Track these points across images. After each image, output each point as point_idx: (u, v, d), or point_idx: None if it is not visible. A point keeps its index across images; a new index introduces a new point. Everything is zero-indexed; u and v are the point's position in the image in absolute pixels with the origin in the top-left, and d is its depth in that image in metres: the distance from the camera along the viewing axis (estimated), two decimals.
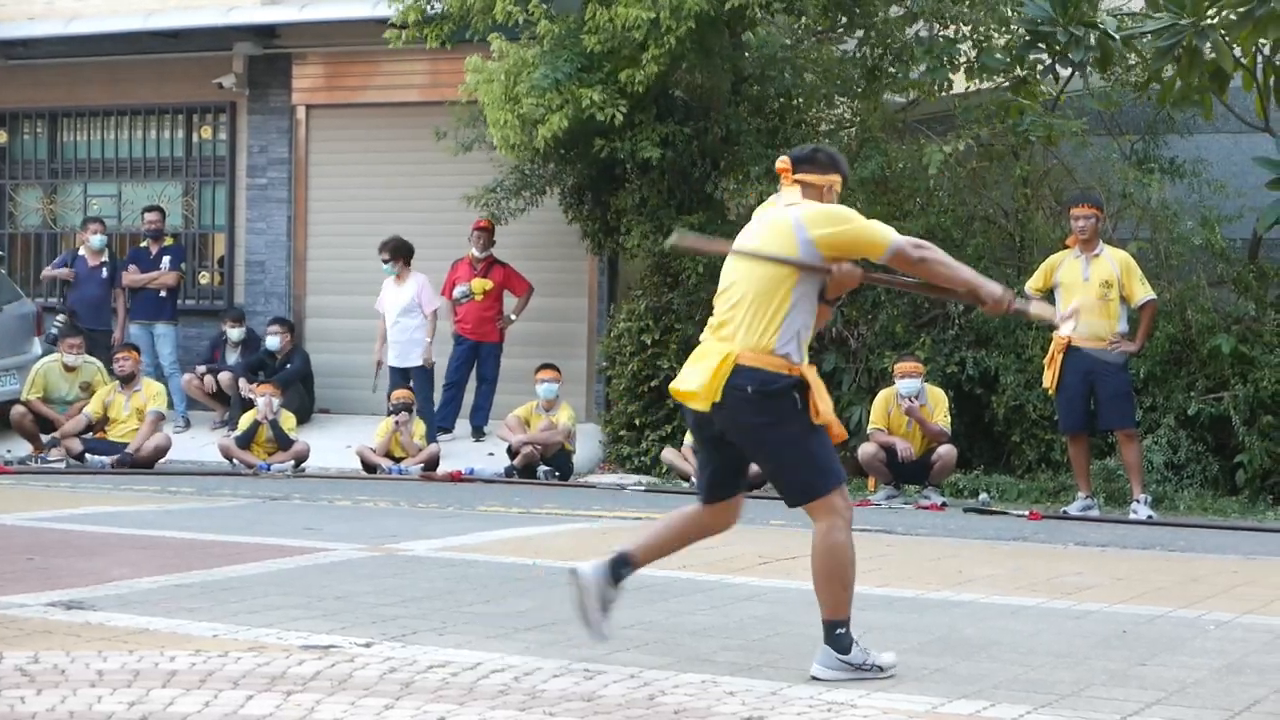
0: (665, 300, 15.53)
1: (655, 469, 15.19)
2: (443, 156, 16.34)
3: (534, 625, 6.74)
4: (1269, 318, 14.00)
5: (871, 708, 5.31)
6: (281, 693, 5.29)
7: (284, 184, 18.39)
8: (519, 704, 5.24)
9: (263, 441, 15.37)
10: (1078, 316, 10.42)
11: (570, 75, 14.10)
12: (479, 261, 16.49)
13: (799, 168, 6.27)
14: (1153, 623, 7.17)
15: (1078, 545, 10.40)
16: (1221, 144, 15.52)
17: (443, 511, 11.83)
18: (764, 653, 6.26)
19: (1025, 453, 14.27)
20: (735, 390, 5.92)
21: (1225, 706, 5.43)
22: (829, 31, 16.15)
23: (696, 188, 15.35)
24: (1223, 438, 13.60)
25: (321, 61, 18.35)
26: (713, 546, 9.64)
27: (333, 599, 7.32)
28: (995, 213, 15.35)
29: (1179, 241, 14.20)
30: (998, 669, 6.02)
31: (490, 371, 16.49)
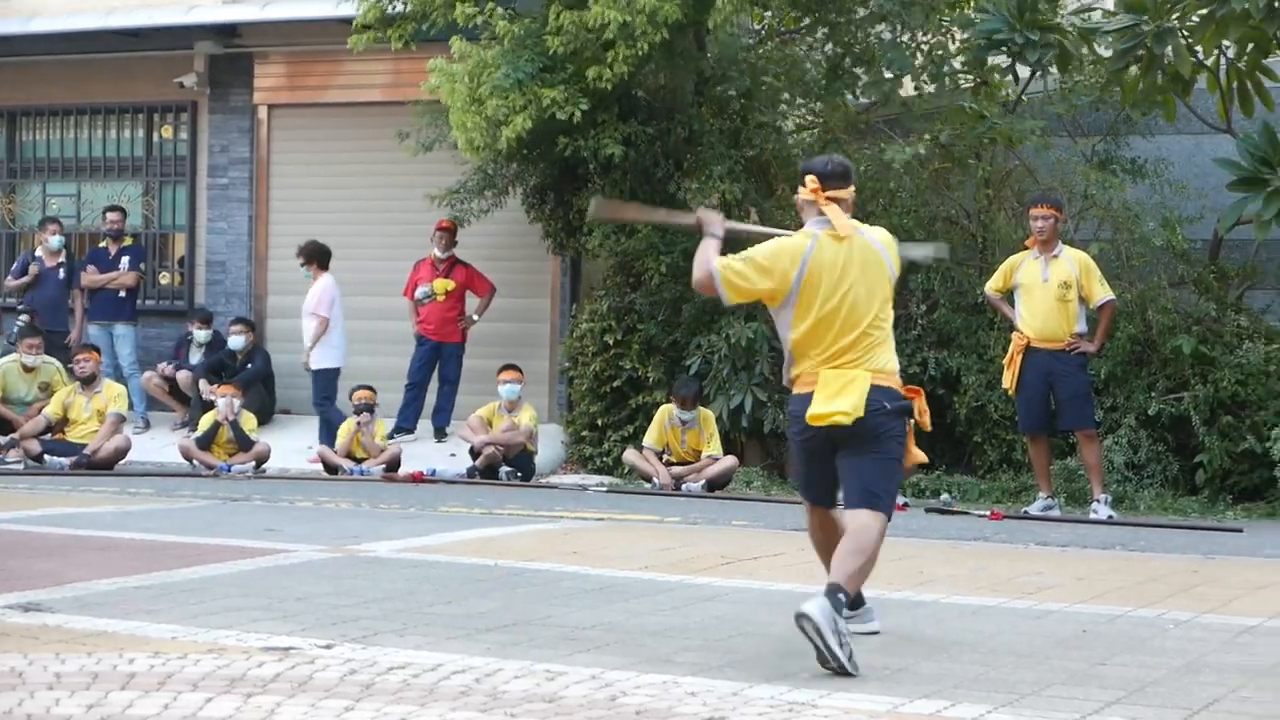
0: (628, 301, 15.53)
1: (617, 470, 15.18)
2: (405, 157, 16.30)
3: (495, 626, 6.72)
4: (1229, 318, 14.07)
5: (833, 707, 5.31)
6: (241, 695, 5.26)
7: (245, 184, 18.33)
8: (480, 705, 5.22)
9: (223, 442, 15.31)
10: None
11: (532, 75, 14.08)
12: (441, 262, 16.47)
13: (829, 184, 6.53)
14: (1113, 622, 7.19)
15: (1038, 545, 10.43)
16: (1183, 145, 15.59)
17: (404, 512, 11.80)
18: (726, 653, 6.25)
19: (987, 453, 14.32)
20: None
21: (1184, 706, 5.45)
22: (791, 33, 16.18)
23: (659, 188, 15.35)
24: (1183, 438, 13.66)
25: (283, 61, 18.28)
26: (674, 547, 9.65)
27: (293, 600, 7.29)
28: (958, 214, 15.39)
29: (1140, 242, 14.25)
30: (959, 669, 6.03)
31: (452, 372, 16.46)
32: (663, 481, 14.07)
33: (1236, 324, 13.99)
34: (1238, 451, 13.38)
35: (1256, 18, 12.78)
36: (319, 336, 16.09)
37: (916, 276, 14.52)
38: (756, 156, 15.38)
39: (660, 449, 14.35)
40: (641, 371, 15.24)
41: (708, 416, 14.35)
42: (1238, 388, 13.41)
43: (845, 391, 6.34)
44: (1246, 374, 13.42)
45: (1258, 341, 13.68)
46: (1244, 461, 13.43)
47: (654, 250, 15.00)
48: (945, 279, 14.57)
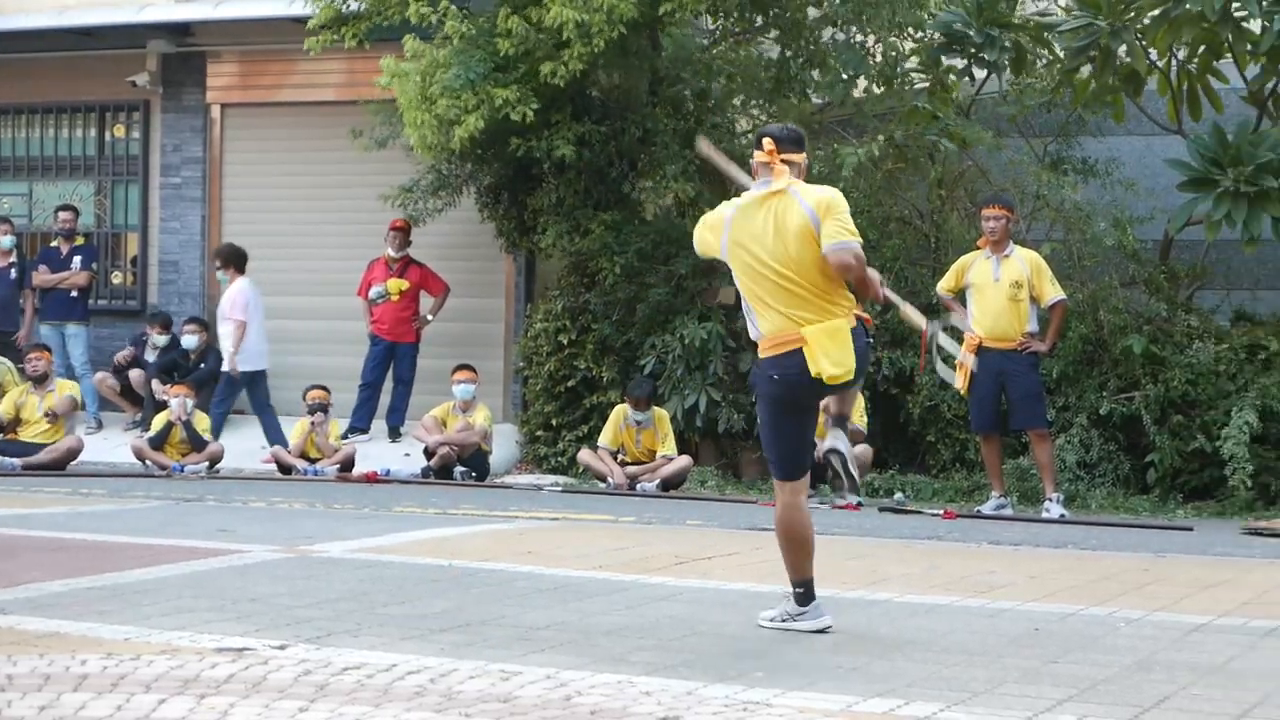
0: (582, 300, 15.54)
1: (572, 469, 15.18)
2: (359, 156, 16.27)
3: (450, 626, 6.72)
4: (1180, 318, 14.16)
5: (787, 706, 5.33)
6: (195, 696, 5.25)
7: (198, 183, 18.25)
8: (435, 705, 5.21)
9: (176, 443, 15.25)
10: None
11: (484, 76, 14.07)
12: (395, 261, 16.44)
13: (784, 148, 6.86)
14: (1065, 621, 7.23)
15: (991, 544, 10.47)
16: (1134, 146, 15.69)
17: (358, 513, 11.77)
18: (680, 652, 6.26)
19: (940, 452, 14.38)
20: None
21: (1135, 703, 5.48)
22: (745, 33, 16.21)
23: (613, 188, 15.38)
24: (1134, 437, 13.74)
25: (236, 60, 18.22)
26: (628, 547, 9.66)
27: (247, 601, 7.27)
28: (911, 214, 15.45)
29: (1092, 242, 14.33)
30: (912, 667, 6.05)
31: (406, 372, 16.44)
32: (617, 481, 14.08)
33: (1187, 324, 14.08)
34: (1188, 451, 13.47)
35: (1211, 19, 12.87)
36: (239, 341, 15.99)
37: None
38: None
39: (615, 449, 14.36)
40: (596, 371, 15.25)
41: (662, 416, 14.37)
42: (1188, 387, 13.49)
43: (841, 347, 6.64)
44: (1197, 374, 13.51)
45: (1208, 341, 13.77)
46: (1194, 460, 13.52)
47: (608, 250, 15.01)
48: (899, 279, 14.61)
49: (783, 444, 6.86)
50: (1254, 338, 13.92)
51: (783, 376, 6.72)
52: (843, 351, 6.63)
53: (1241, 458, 12.84)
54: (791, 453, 6.85)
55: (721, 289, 15.49)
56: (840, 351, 6.63)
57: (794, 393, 6.74)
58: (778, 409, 6.84)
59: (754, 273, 6.73)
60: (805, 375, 6.64)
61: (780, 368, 6.71)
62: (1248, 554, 10.18)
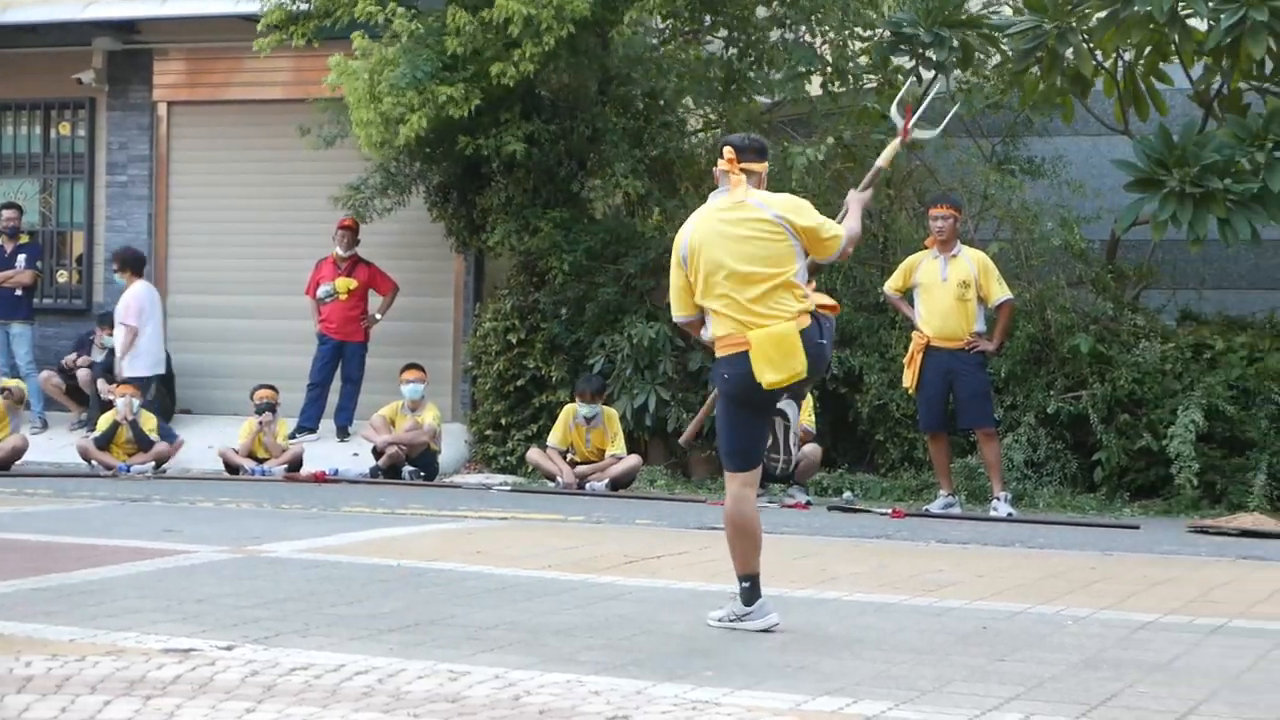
0: (531, 300, 15.53)
1: (521, 469, 15.16)
2: (307, 154, 16.22)
3: (398, 626, 6.70)
4: (1126, 318, 14.24)
5: (736, 705, 5.33)
6: (140, 697, 5.22)
7: (145, 181, 18.14)
8: (383, 705, 5.20)
9: (122, 442, 15.16)
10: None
11: (431, 74, 14.04)
12: (343, 260, 16.38)
13: (744, 156, 7.01)
14: (1013, 619, 7.26)
15: (940, 543, 10.51)
16: (1081, 146, 15.77)
17: (306, 512, 11.73)
18: (629, 652, 6.26)
19: (889, 451, 14.42)
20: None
21: (1082, 701, 5.51)
22: (695, 32, 16.22)
23: (562, 186, 15.37)
24: (1081, 436, 13.81)
25: (183, 57, 18.11)
26: (578, 546, 9.65)
27: (193, 601, 7.23)
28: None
29: (1039, 242, 14.40)
30: (861, 665, 6.07)
31: (355, 371, 16.38)
32: (566, 481, 14.06)
33: (1133, 323, 14.15)
34: (1134, 449, 13.54)
35: (1160, 20, 12.94)
36: (128, 345, 15.85)
37: (819, 276, 14.57)
38: (660, 156, 15.42)
39: (564, 448, 14.34)
40: (545, 371, 15.24)
41: (612, 415, 14.36)
42: (1134, 386, 13.57)
43: (785, 353, 6.77)
44: (1143, 373, 13.59)
45: (1154, 340, 13.85)
46: (1141, 459, 13.60)
47: (557, 249, 15.00)
48: (847, 279, 14.66)
49: (736, 437, 6.97)
50: (1200, 337, 14.01)
51: (733, 376, 6.86)
52: (787, 357, 6.75)
53: (1187, 456, 12.92)
54: (744, 446, 6.97)
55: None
56: (784, 358, 6.75)
57: (746, 392, 6.85)
58: (731, 404, 6.97)
59: (709, 278, 6.88)
60: (752, 377, 6.76)
61: (732, 367, 6.86)
62: (1193, 552, 10.24)
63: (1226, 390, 13.36)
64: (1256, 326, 14.36)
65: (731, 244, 6.86)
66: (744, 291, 6.83)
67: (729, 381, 6.90)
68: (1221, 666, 6.19)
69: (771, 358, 6.75)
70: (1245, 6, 12.51)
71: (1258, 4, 12.47)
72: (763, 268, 6.84)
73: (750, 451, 6.96)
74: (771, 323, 6.79)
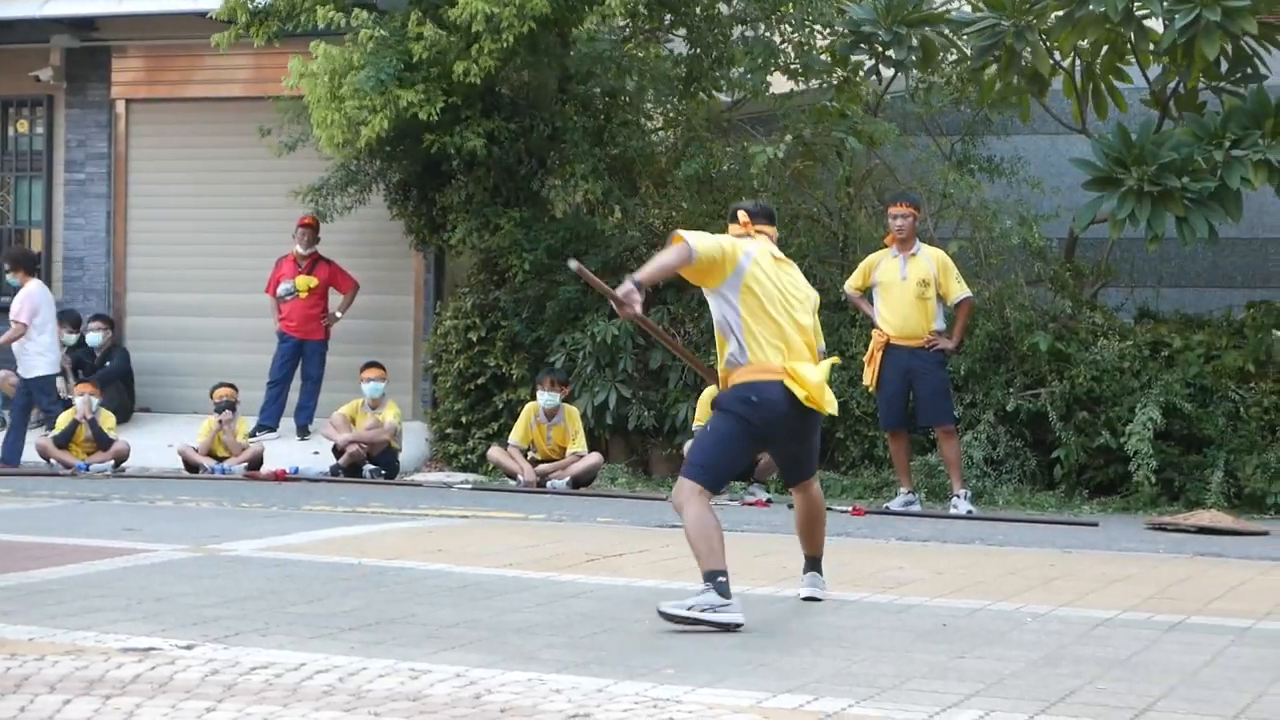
0: (492, 298, 15.51)
1: (482, 467, 15.14)
2: (267, 152, 16.16)
3: (359, 625, 6.69)
4: (1085, 316, 14.30)
5: (697, 703, 5.34)
6: (100, 697, 5.20)
7: (103, 179, 18.06)
8: (344, 704, 5.19)
9: (81, 441, 15.09)
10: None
11: (394, 77, 14.01)
12: (304, 258, 16.34)
13: (757, 220, 7.55)
14: (972, 616, 7.29)
15: (900, 540, 10.54)
16: (1039, 145, 15.83)
17: (266, 511, 11.70)
18: (591, 649, 6.27)
19: (849, 449, 14.44)
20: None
21: (1041, 698, 5.54)
22: (655, 31, 16.23)
23: (522, 185, 15.36)
24: (1040, 433, 13.86)
25: (142, 55, 18.03)
26: (539, 544, 9.65)
27: (153, 601, 7.21)
28: (819, 212, 15.51)
29: (998, 240, 14.45)
30: (821, 663, 6.09)
31: (315, 370, 16.34)
32: (527, 479, 14.06)
33: (1091, 321, 14.21)
34: (1093, 447, 13.60)
35: (1114, 20, 13.00)
36: (15, 340, 15.60)
37: None
38: (620, 155, 15.42)
39: (525, 446, 14.34)
40: (506, 369, 15.23)
41: (573, 413, 14.36)
42: (1093, 384, 13.63)
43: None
44: (1101, 370, 13.65)
45: (1112, 338, 13.91)
46: (1099, 456, 13.66)
47: (518, 247, 14.99)
48: (807, 277, 14.63)
49: (726, 460, 7.27)
50: (1157, 335, 14.08)
51: (763, 400, 7.16)
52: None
53: (1146, 454, 12.99)
54: (728, 470, 7.36)
55: None
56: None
57: (769, 421, 7.21)
58: (744, 427, 7.22)
59: (781, 307, 7.30)
60: (783, 405, 7.13)
61: (759, 392, 7.17)
62: (1152, 549, 10.30)
63: (1184, 388, 13.44)
64: (1214, 324, 14.44)
65: (805, 293, 7.52)
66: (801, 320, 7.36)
67: (756, 405, 7.16)
68: (1180, 663, 6.23)
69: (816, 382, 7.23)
70: (1199, 7, 12.58)
71: (1211, 4, 12.54)
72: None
73: (727, 477, 7.38)
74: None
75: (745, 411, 7.14)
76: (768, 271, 7.29)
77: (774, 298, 7.25)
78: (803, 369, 7.16)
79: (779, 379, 7.12)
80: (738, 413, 7.17)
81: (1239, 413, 13.46)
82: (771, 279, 7.28)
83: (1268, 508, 13.05)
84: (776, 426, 7.19)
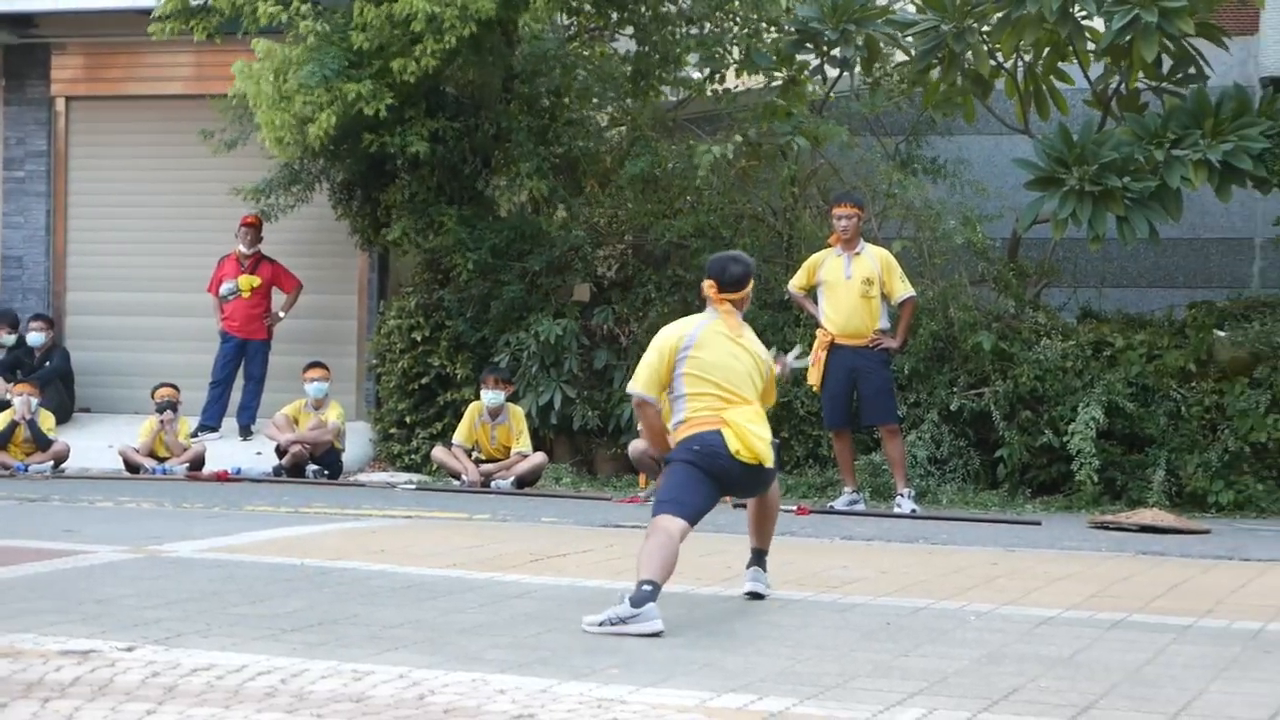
0: (436, 297, 15.47)
1: (425, 467, 15.10)
2: (209, 150, 16.06)
3: (301, 626, 6.65)
4: (1028, 315, 14.37)
5: (641, 703, 5.33)
6: (39, 699, 5.15)
7: (43, 177, 17.91)
8: (286, 706, 5.16)
9: (20, 442, 14.95)
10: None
11: (338, 72, 13.96)
12: (246, 258, 16.27)
13: (725, 289, 7.74)
14: (916, 614, 7.31)
15: (844, 539, 10.56)
16: (982, 145, 15.90)
17: (208, 512, 11.63)
18: (535, 650, 6.25)
19: (794, 448, 14.46)
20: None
21: (984, 695, 5.55)
22: (601, 29, 16.23)
23: (467, 184, 15.33)
24: (984, 432, 13.92)
25: (82, 52, 17.90)
26: (483, 544, 9.63)
27: (93, 602, 7.15)
28: (764, 211, 15.54)
29: (941, 240, 14.50)
30: (765, 662, 6.09)
31: (258, 369, 16.27)
32: (471, 479, 14.02)
33: (1035, 321, 14.28)
34: (1036, 446, 13.67)
35: (1050, 20, 13.07)
36: None
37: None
38: (565, 154, 15.41)
39: (470, 446, 14.30)
40: (450, 369, 15.19)
41: (518, 413, 14.33)
42: (1036, 383, 13.69)
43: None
44: (1044, 370, 13.71)
45: (1055, 338, 13.98)
46: (1042, 455, 13.73)
47: (462, 247, 14.95)
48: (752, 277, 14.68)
49: (690, 494, 7.34)
50: (1100, 334, 14.16)
51: (704, 447, 7.37)
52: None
53: (1088, 453, 13.06)
54: (697, 504, 7.35)
55: (575, 286, 15.50)
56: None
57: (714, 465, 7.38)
58: (696, 471, 7.39)
59: (721, 377, 7.50)
60: (724, 450, 7.34)
61: (700, 441, 7.39)
62: (1094, 548, 10.35)
63: (1126, 387, 13.52)
64: (1155, 324, 14.53)
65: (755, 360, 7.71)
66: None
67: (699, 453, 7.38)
68: (1121, 660, 6.26)
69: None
70: (1136, 8, 12.66)
71: (1148, 5, 12.62)
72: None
73: (699, 514, 7.38)
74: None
75: (691, 458, 7.35)
76: (707, 353, 7.50)
77: (712, 370, 7.48)
78: (740, 420, 7.37)
79: (718, 427, 7.35)
80: (685, 459, 7.37)
81: (1180, 412, 13.55)
82: (711, 359, 7.50)
83: (1208, 506, 13.15)
84: (723, 470, 7.35)
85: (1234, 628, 7.10)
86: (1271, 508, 13.15)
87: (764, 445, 7.37)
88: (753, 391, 7.54)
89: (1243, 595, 8.16)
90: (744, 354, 7.61)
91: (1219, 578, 8.87)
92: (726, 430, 7.34)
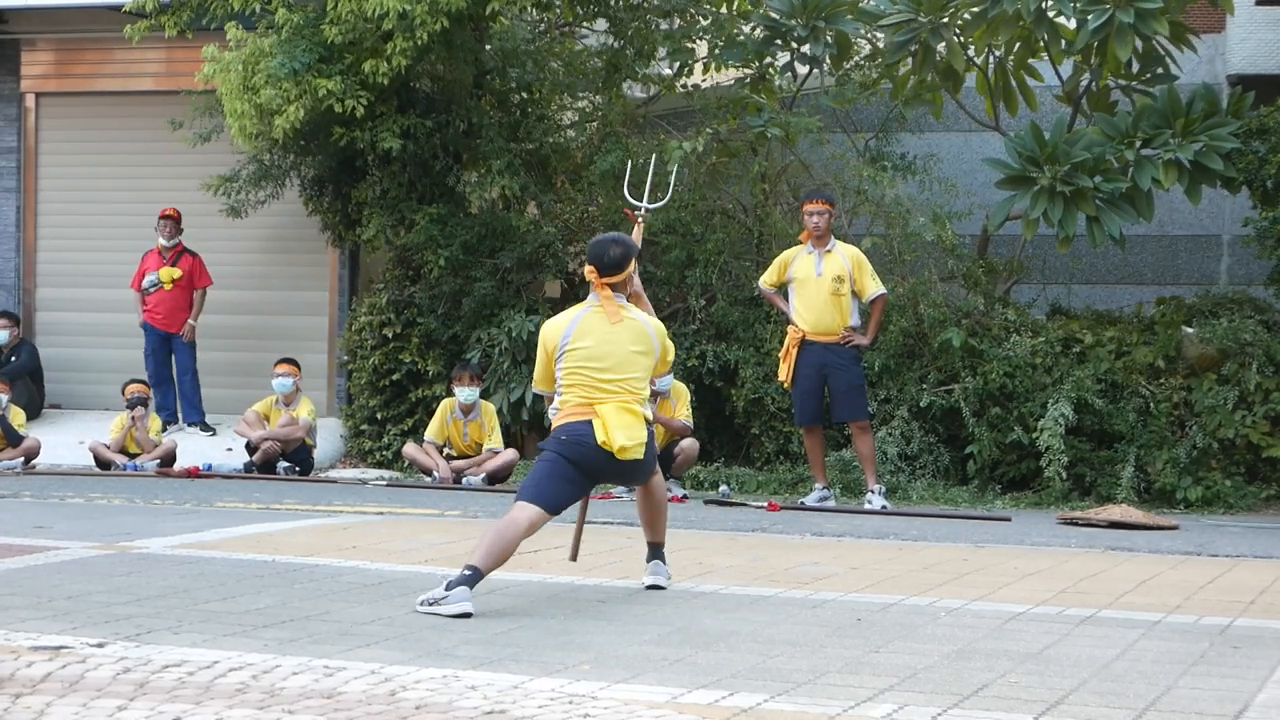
0: (407, 294, 15.46)
1: (397, 463, 15.10)
2: (180, 146, 16.05)
3: (272, 622, 6.65)
4: (997, 312, 14.42)
5: (613, 699, 5.34)
6: (10, 695, 5.14)
7: (13, 173, 17.86)
8: (257, 702, 5.16)
9: None
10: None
11: (308, 65, 13.93)
12: (168, 250, 16.26)
13: (605, 272, 7.68)
14: (886, 610, 7.33)
15: (815, 536, 10.58)
16: (953, 142, 15.95)
17: (179, 508, 11.60)
18: (506, 646, 6.26)
19: (764, 445, 14.49)
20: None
21: (955, 691, 5.57)
22: (572, 24, 16.23)
23: (438, 180, 15.32)
24: (953, 429, 13.97)
25: (52, 47, 17.85)
26: (454, 541, 9.62)
27: (64, 599, 7.13)
28: (734, 208, 15.56)
29: (911, 237, 14.54)
30: (736, 658, 6.10)
31: (187, 359, 16.22)
32: (443, 475, 14.01)
33: (1004, 318, 14.33)
34: (1006, 442, 13.72)
35: (1027, 20, 13.12)
36: None
37: (694, 271, 14.67)
38: (536, 150, 15.41)
39: (441, 442, 14.29)
40: (421, 365, 15.18)
41: (489, 410, 14.32)
42: (1006, 380, 13.74)
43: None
44: (1014, 366, 13.76)
45: (1024, 335, 14.04)
46: (1012, 452, 13.79)
47: (433, 243, 14.94)
48: (723, 273, 14.73)
49: (552, 484, 7.55)
50: (1069, 331, 14.21)
51: (571, 436, 7.55)
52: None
53: (1057, 449, 13.12)
54: (557, 495, 7.56)
55: (547, 282, 15.50)
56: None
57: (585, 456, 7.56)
58: (563, 463, 7.56)
59: (597, 368, 7.59)
60: (591, 439, 7.49)
61: (569, 431, 7.56)
62: (1063, 544, 10.38)
63: (1095, 384, 13.58)
64: (1124, 321, 14.60)
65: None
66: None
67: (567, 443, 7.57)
68: (1091, 656, 6.29)
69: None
70: (1112, 9, 12.71)
71: (1124, 5, 12.67)
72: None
73: (562, 505, 7.61)
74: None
75: (559, 448, 7.55)
76: (584, 344, 7.61)
77: (588, 362, 7.60)
78: (608, 412, 7.49)
79: (589, 417, 7.52)
80: (552, 449, 7.58)
81: (1149, 408, 13.61)
82: (587, 349, 7.60)
83: (1177, 502, 13.23)
84: (589, 459, 7.51)
85: (1202, 623, 7.14)
86: (1239, 503, 13.22)
87: (626, 438, 7.44)
88: (639, 368, 7.66)
89: (1211, 591, 8.20)
90: (624, 334, 7.65)
91: (1187, 573, 8.91)
92: (596, 421, 7.49)
